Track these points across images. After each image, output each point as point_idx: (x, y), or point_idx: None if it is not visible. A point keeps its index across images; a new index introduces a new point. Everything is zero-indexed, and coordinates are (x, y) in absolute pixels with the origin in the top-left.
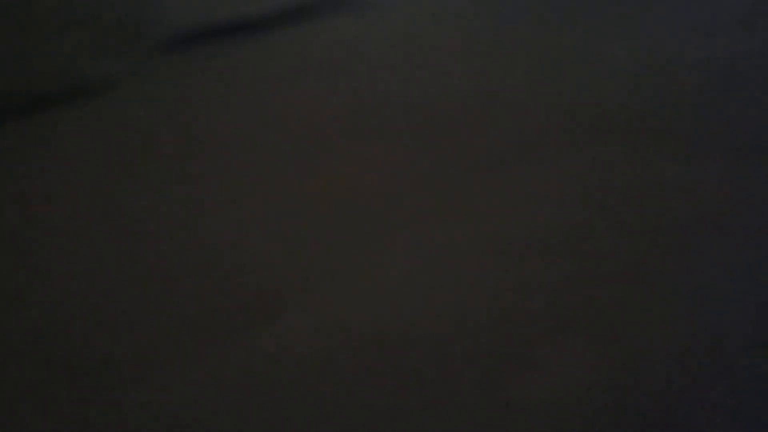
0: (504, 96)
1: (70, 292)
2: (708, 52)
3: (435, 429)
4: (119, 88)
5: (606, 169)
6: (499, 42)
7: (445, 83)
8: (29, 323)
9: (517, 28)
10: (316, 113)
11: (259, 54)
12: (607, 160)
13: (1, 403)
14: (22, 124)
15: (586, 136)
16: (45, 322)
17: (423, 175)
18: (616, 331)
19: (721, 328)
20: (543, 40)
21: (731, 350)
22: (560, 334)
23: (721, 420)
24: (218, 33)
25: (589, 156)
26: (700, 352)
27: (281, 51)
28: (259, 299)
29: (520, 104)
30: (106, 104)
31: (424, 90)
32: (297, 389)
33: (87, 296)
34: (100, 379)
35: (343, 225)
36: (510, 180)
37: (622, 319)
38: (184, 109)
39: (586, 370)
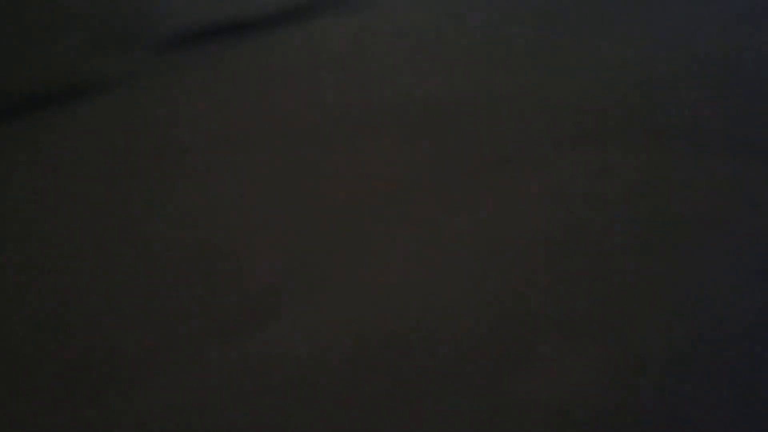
0: (504, 95)
1: (70, 292)
2: (708, 51)
3: (435, 429)
4: (118, 87)
5: (607, 168)
6: (499, 41)
7: (446, 83)
8: (29, 323)
9: (518, 27)
10: (316, 112)
11: (258, 53)
12: (608, 160)
13: (2, 403)
14: (21, 124)
15: (587, 135)
16: (45, 322)
17: (423, 175)
18: (617, 331)
19: (721, 328)
20: (543, 39)
21: (732, 350)
22: (560, 333)
23: (721, 420)
24: (218, 33)
25: (590, 155)
26: (700, 351)
27: (281, 50)
28: (260, 299)
29: (520, 104)
30: (106, 104)
31: (425, 89)
32: (297, 388)
33: (86, 297)
34: (99, 380)
35: (342, 225)
36: (510, 179)
37: (623, 319)
38: (183, 108)
39: (586, 370)
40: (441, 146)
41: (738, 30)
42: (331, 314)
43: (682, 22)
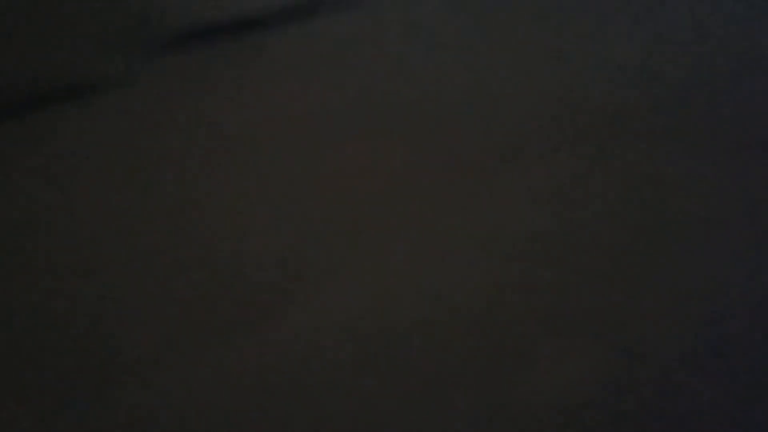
0: (503, 95)
1: (72, 291)
2: (708, 49)
3: (435, 428)
4: (120, 87)
5: (607, 167)
6: (498, 41)
7: (445, 82)
8: (30, 323)
9: (517, 26)
10: (316, 112)
11: (259, 53)
12: (608, 159)
13: (3, 402)
14: (23, 123)
15: (587, 134)
16: (47, 321)
17: (423, 174)
18: (616, 331)
19: (721, 327)
20: (542, 39)
21: (732, 350)
22: (560, 333)
23: (721, 419)
24: (219, 32)
25: (590, 154)
26: (700, 351)
27: (281, 50)
28: (261, 297)
29: (519, 103)
30: (107, 103)
31: (424, 89)
32: (298, 386)
33: (89, 295)
34: (102, 378)
35: (342, 224)
36: (510, 179)
37: (622, 319)
38: (184, 108)
39: (586, 370)
40: (441, 145)
41: (739, 29)
42: (330, 314)
43: (684, 21)
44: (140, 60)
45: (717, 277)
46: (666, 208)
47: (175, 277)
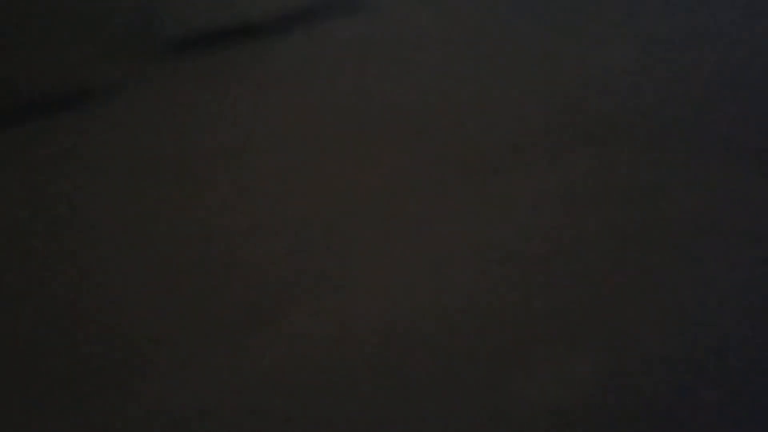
0: (503, 97)
1: (73, 293)
2: (707, 54)
3: (436, 428)
4: (123, 91)
5: (605, 170)
6: (498, 44)
7: (445, 85)
8: (34, 324)
9: (516, 29)
10: (317, 116)
11: (261, 57)
12: (607, 162)
13: (7, 402)
14: (31, 128)
15: (585, 137)
16: (50, 322)
17: (424, 178)
18: (615, 332)
19: (720, 329)
20: (542, 41)
21: (731, 351)
22: (559, 334)
23: (721, 420)
24: (221, 37)
25: (588, 157)
26: (698, 352)
27: (283, 54)
28: (264, 299)
29: (519, 107)
30: (110, 108)
31: (425, 92)
32: (297, 389)
33: (91, 297)
34: (105, 379)
35: (343, 226)
36: (510, 181)
37: (622, 321)
38: (187, 112)
39: (584, 371)
40: (442, 149)
41: (737, 33)
42: (330, 316)
43: (682, 25)
44: (145, 64)
45: (716, 278)
46: (665, 211)
47: (178, 279)
